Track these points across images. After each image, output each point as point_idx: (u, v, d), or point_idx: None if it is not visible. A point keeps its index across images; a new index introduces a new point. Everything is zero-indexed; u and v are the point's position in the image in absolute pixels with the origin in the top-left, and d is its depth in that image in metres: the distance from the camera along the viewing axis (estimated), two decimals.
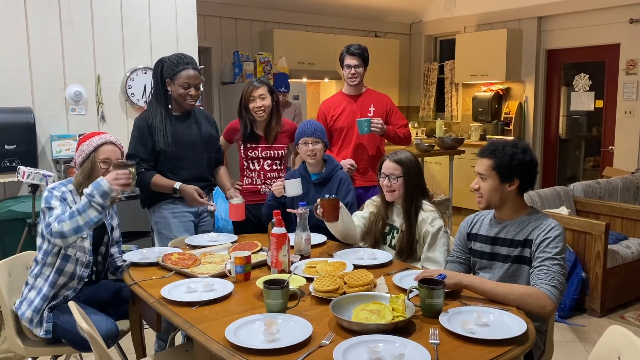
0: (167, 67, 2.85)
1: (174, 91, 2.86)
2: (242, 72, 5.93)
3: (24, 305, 2.31)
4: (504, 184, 2.11)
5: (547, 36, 6.67)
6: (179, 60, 2.84)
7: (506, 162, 2.08)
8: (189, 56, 2.91)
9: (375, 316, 1.72)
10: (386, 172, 2.59)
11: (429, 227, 2.50)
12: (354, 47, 3.52)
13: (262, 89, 3.13)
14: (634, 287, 4.04)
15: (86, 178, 2.35)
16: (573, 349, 3.34)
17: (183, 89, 2.83)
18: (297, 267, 2.28)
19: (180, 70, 2.82)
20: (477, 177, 2.17)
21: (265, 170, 3.23)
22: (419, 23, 8.05)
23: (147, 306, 2.06)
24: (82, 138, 2.43)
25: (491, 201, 2.14)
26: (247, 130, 3.18)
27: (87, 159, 2.37)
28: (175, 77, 2.83)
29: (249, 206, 3.10)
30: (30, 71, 3.69)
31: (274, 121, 3.20)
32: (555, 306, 1.92)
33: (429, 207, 2.58)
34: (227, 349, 1.58)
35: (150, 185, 2.83)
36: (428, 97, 8.01)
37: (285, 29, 6.75)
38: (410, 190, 2.57)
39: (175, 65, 2.83)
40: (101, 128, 3.93)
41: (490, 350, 1.56)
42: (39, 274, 2.32)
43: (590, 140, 6.62)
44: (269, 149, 3.21)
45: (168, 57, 2.88)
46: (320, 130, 2.98)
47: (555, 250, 2.00)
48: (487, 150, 2.14)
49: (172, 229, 2.90)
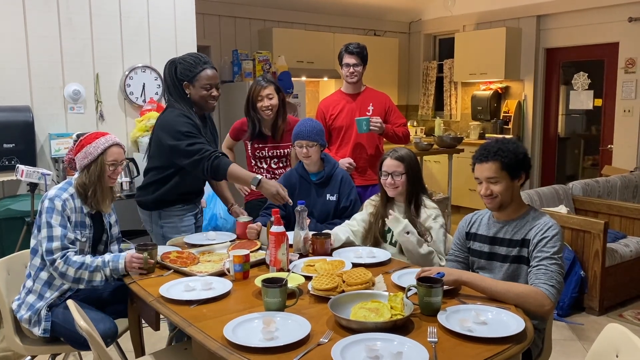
0: (183, 69, 2.70)
1: (194, 93, 2.71)
2: (241, 71, 5.92)
3: (23, 308, 2.31)
4: (514, 181, 2.11)
5: (546, 35, 6.67)
6: (196, 61, 2.70)
7: (513, 159, 2.08)
8: (205, 55, 2.78)
9: (374, 314, 1.73)
10: (388, 170, 2.60)
11: (432, 222, 2.55)
12: (352, 45, 3.53)
13: (269, 89, 3.15)
14: (632, 285, 4.04)
15: (97, 180, 2.34)
16: (571, 347, 3.34)
17: (205, 90, 2.71)
18: (296, 266, 2.28)
19: (199, 71, 2.68)
20: (485, 182, 2.12)
21: (272, 169, 3.28)
22: (418, 22, 8.04)
23: (146, 305, 2.06)
24: (85, 139, 2.37)
25: (505, 201, 2.12)
26: (255, 130, 3.20)
27: (94, 161, 2.34)
28: (195, 79, 2.69)
29: (258, 201, 3.15)
30: (29, 70, 3.69)
31: (280, 119, 3.23)
32: (554, 305, 1.93)
33: (431, 204, 2.62)
34: (226, 347, 1.58)
35: (227, 173, 2.60)
36: (427, 95, 8.01)
37: (284, 27, 6.75)
38: (412, 185, 2.61)
39: (193, 66, 2.69)
40: (100, 127, 3.93)
41: (489, 348, 1.56)
42: (36, 278, 2.32)
43: (589, 138, 6.62)
44: (276, 148, 3.25)
45: (182, 58, 2.73)
46: (316, 132, 2.89)
47: (553, 249, 2.00)
48: (490, 154, 2.10)
49: (180, 233, 2.85)
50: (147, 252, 2.27)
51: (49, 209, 2.27)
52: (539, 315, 1.95)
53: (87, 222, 2.38)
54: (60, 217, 2.27)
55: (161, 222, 2.86)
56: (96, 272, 2.27)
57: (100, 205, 2.38)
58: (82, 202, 2.36)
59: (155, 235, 2.91)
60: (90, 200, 2.36)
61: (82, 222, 2.35)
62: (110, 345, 2.32)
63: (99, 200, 2.36)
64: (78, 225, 2.34)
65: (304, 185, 2.96)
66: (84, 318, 1.81)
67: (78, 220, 2.34)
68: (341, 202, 2.94)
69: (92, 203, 2.37)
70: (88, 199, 2.36)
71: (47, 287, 2.30)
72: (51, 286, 2.30)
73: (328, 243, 2.49)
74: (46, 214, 2.26)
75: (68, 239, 2.27)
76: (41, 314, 2.27)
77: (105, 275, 2.28)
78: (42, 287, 2.30)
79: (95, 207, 2.39)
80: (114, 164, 2.37)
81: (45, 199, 2.30)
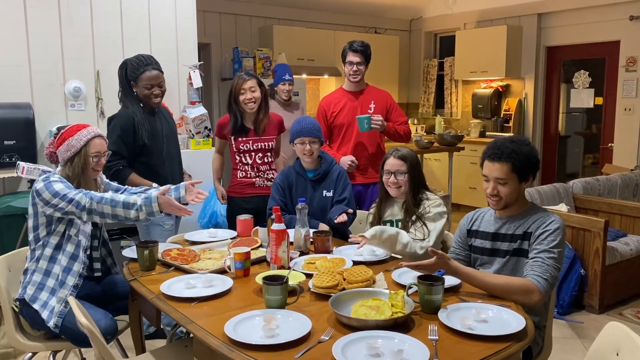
0: (130, 69, 2.96)
1: (139, 92, 2.98)
2: (241, 68, 5.92)
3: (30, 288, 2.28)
4: (522, 184, 2.10)
5: (547, 33, 6.66)
6: (139, 63, 2.96)
7: (525, 162, 2.06)
8: (148, 56, 3.03)
9: (375, 312, 1.73)
10: (391, 169, 2.61)
11: (433, 208, 2.58)
12: (357, 43, 3.51)
13: (251, 82, 3.18)
14: (632, 284, 4.04)
15: (80, 173, 2.36)
16: (571, 345, 3.35)
17: (147, 89, 2.96)
18: (297, 263, 2.29)
19: (141, 72, 2.95)
20: (493, 182, 2.09)
21: (257, 164, 3.27)
22: (419, 19, 8.04)
23: (147, 302, 2.06)
24: (66, 132, 2.39)
25: (510, 202, 2.11)
26: (237, 123, 3.21)
27: (78, 153, 2.36)
28: (138, 79, 2.96)
29: (243, 199, 3.20)
30: (30, 67, 3.69)
31: (262, 113, 3.26)
32: (543, 297, 1.93)
33: (433, 195, 2.65)
34: (227, 345, 1.59)
35: (127, 182, 2.86)
36: (428, 93, 8.00)
37: (285, 25, 6.74)
38: (414, 184, 2.62)
39: (137, 68, 2.95)
40: (100, 124, 3.93)
41: (489, 346, 1.56)
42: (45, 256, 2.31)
43: (590, 137, 6.62)
44: (259, 141, 3.25)
45: (130, 60, 3.00)
46: (316, 129, 2.92)
47: (553, 243, 2.00)
48: (503, 154, 2.05)
49: (151, 236, 2.99)
50: (147, 249, 2.28)
51: (46, 186, 2.25)
52: (528, 307, 1.93)
53: None
54: (60, 182, 2.27)
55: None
56: (130, 210, 2.28)
57: None
58: None
59: (140, 229, 3.04)
60: None
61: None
62: (111, 342, 2.32)
63: None
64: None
65: (300, 182, 2.97)
66: (85, 315, 1.81)
67: None
68: (334, 197, 2.95)
69: None
70: None
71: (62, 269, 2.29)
72: (66, 269, 2.30)
73: (329, 241, 2.50)
74: (47, 191, 2.24)
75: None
76: (55, 309, 2.26)
77: (139, 216, 2.29)
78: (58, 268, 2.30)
79: None
80: (97, 156, 2.40)
81: (39, 181, 2.29)
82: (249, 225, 2.78)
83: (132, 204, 2.27)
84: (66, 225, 2.34)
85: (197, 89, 4.27)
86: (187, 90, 4.29)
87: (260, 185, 3.27)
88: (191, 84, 4.24)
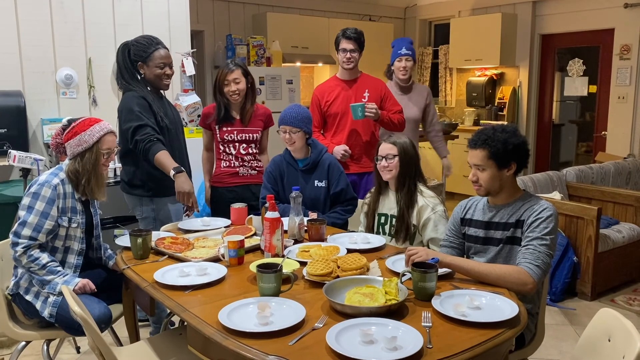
0: (136, 50, 2.86)
1: (149, 73, 2.88)
2: (235, 56, 5.88)
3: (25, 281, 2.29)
4: (502, 170, 2.11)
5: (541, 21, 6.65)
6: (149, 42, 2.87)
7: (501, 149, 2.07)
8: (156, 37, 2.94)
9: (368, 299, 1.73)
10: (382, 154, 2.61)
11: (432, 214, 2.54)
12: (350, 30, 3.48)
13: (236, 73, 3.11)
14: (624, 271, 4.08)
15: (91, 169, 2.32)
16: (564, 331, 3.38)
17: (159, 68, 2.87)
18: (291, 251, 2.29)
19: (153, 51, 2.85)
20: (473, 168, 2.14)
21: (242, 154, 3.22)
22: (414, 7, 7.99)
23: (140, 290, 2.06)
24: (78, 126, 2.33)
25: (491, 189, 2.14)
26: (221, 112, 3.16)
27: (89, 149, 2.32)
28: (149, 59, 2.86)
29: (227, 189, 3.20)
30: (20, 54, 3.65)
31: (248, 103, 3.20)
32: (536, 284, 1.94)
33: (429, 193, 2.60)
34: (221, 332, 1.59)
35: (154, 158, 2.71)
36: (422, 82, 7.98)
37: (279, 12, 6.68)
38: (404, 169, 2.59)
39: (147, 47, 2.86)
40: (93, 112, 3.90)
41: (482, 333, 1.57)
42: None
43: (584, 125, 6.64)
44: (244, 132, 3.19)
45: (135, 40, 2.90)
46: (300, 119, 2.85)
47: (545, 230, 2.01)
48: (479, 141, 2.11)
49: (172, 219, 2.95)
50: (141, 238, 2.27)
51: (35, 195, 2.25)
52: (522, 294, 1.95)
53: (78, 208, 2.36)
54: (45, 204, 2.25)
55: (152, 205, 2.94)
56: (48, 278, 2.25)
57: (95, 193, 2.37)
58: (73, 188, 2.34)
59: (146, 220, 2.96)
60: (83, 188, 2.34)
61: (73, 208, 2.34)
62: (105, 330, 2.32)
63: (94, 188, 2.35)
64: (69, 211, 2.32)
65: (291, 171, 2.95)
66: (79, 304, 1.80)
67: (69, 206, 2.32)
68: (331, 189, 2.94)
69: (86, 191, 2.35)
70: (80, 187, 2.34)
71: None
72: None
73: (323, 229, 2.49)
74: (31, 198, 2.25)
75: (44, 230, 2.24)
76: (49, 299, 2.26)
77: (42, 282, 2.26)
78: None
79: (89, 195, 2.37)
80: (108, 152, 2.36)
81: (34, 183, 2.28)
82: (243, 214, 2.77)
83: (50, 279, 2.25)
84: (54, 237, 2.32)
85: (190, 76, 4.24)
86: (180, 78, 4.26)
87: (244, 174, 3.22)
88: (184, 72, 4.21)
